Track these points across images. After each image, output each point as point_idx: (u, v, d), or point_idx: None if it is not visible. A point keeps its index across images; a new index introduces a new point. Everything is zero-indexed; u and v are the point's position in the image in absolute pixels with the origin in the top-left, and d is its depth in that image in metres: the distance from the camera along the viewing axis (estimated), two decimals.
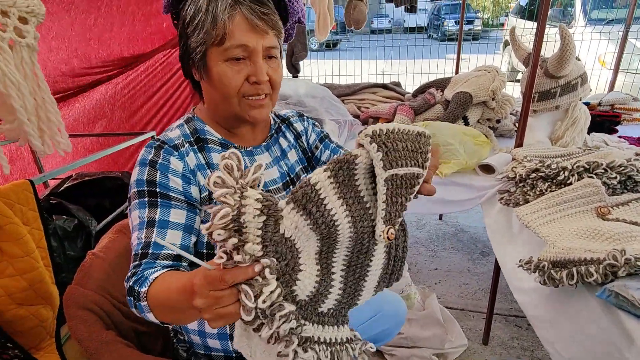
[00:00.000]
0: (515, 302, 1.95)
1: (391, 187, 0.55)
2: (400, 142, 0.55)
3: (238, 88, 0.76)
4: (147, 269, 0.68)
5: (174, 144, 0.78)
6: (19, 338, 1.11)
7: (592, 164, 1.12)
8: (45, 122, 0.75)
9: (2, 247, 1.04)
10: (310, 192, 0.52)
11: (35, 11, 0.71)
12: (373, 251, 0.62)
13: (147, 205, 0.73)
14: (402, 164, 0.54)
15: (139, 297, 0.65)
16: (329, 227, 0.54)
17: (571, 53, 1.35)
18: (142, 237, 0.71)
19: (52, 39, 1.52)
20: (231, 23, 0.71)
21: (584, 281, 0.87)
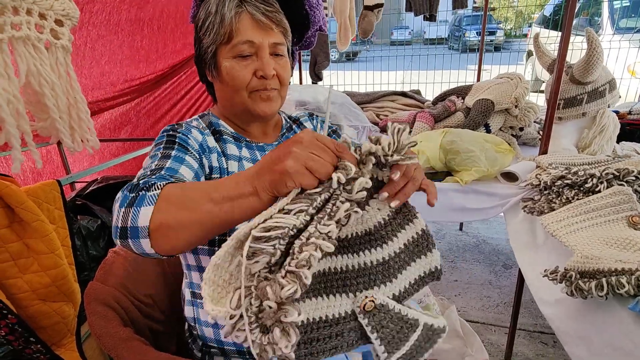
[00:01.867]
0: (541, 317, 1.88)
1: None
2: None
3: (247, 82, 0.79)
4: (160, 178, 0.60)
5: (194, 125, 0.82)
6: (40, 334, 1.14)
7: (622, 171, 1.07)
8: (76, 121, 0.78)
9: (28, 243, 1.08)
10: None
11: (71, 14, 0.75)
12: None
13: (163, 147, 0.72)
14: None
15: (149, 187, 0.55)
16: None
17: (599, 58, 1.31)
18: (152, 165, 0.66)
19: (106, 63, 1.61)
20: (237, 21, 0.76)
21: (614, 292, 0.83)
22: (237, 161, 0.84)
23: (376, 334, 0.57)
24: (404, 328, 0.59)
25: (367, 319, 0.57)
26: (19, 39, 0.66)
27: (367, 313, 0.57)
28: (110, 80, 1.73)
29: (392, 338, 0.58)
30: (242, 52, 0.77)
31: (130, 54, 1.74)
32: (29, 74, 0.69)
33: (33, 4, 0.67)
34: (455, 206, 1.50)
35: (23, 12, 0.66)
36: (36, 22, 0.69)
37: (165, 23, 1.92)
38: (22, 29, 0.67)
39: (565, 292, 0.91)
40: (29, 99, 0.71)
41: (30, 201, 1.07)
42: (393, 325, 0.59)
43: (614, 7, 4.39)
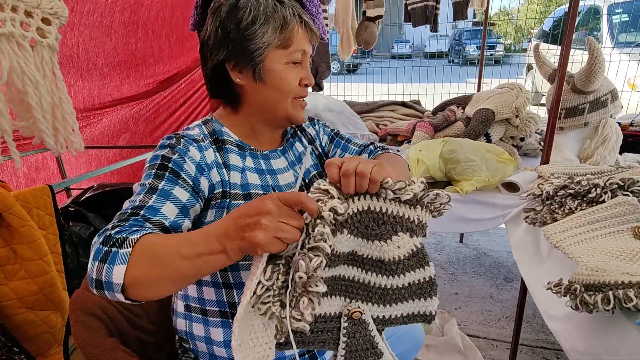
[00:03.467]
0: (543, 332, 1.83)
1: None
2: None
3: (295, 87, 0.82)
4: (135, 225, 0.62)
5: (194, 137, 0.79)
6: (26, 343, 1.10)
7: (627, 181, 1.05)
8: (61, 122, 0.76)
9: (16, 249, 1.05)
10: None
11: (59, 13, 0.73)
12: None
13: (154, 176, 0.71)
14: None
15: (122, 244, 0.56)
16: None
17: (600, 67, 1.30)
18: (136, 200, 0.67)
19: (104, 66, 1.60)
20: (299, 28, 0.80)
21: (621, 306, 0.79)
22: (240, 172, 0.81)
23: (346, 339, 0.64)
24: (368, 351, 0.66)
25: (347, 324, 0.64)
26: (2, 36, 0.65)
27: (350, 320, 0.64)
28: (114, 84, 1.73)
29: (355, 351, 0.65)
30: (296, 59, 0.81)
31: (126, 57, 1.73)
32: (12, 72, 0.67)
33: (19, 1, 0.66)
34: (456, 217, 1.47)
35: (8, 8, 0.65)
36: (22, 19, 0.68)
37: (160, 27, 1.92)
38: (6, 25, 0.65)
39: (570, 306, 0.88)
40: (12, 98, 0.69)
41: (18, 206, 1.04)
42: (362, 342, 0.65)
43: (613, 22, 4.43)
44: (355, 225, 0.60)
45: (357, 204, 0.60)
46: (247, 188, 0.80)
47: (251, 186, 0.81)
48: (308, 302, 0.53)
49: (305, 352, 0.85)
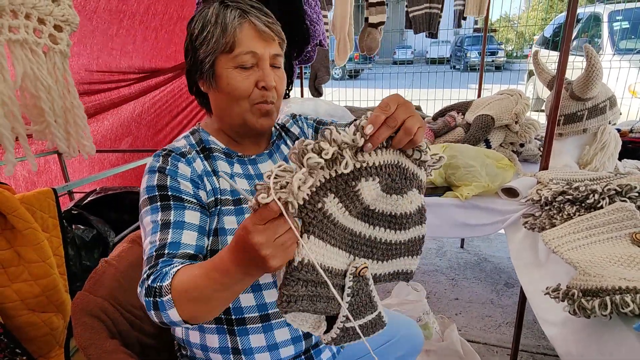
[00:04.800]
0: (544, 338, 1.82)
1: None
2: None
3: (248, 93, 0.78)
4: (164, 267, 0.67)
5: (180, 151, 0.79)
6: (28, 345, 1.11)
7: (624, 187, 1.06)
8: (73, 126, 0.77)
9: (19, 251, 1.07)
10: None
11: (70, 20, 0.75)
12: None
13: (160, 209, 0.73)
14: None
15: (161, 292, 0.62)
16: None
17: (598, 74, 1.31)
18: (156, 240, 0.70)
19: (75, 45, 1.61)
20: (241, 31, 0.76)
21: (619, 312, 0.79)
22: (229, 178, 0.82)
23: (349, 299, 0.64)
24: (367, 305, 0.67)
25: (352, 282, 0.63)
26: (16, 42, 0.66)
27: (356, 277, 0.64)
28: (82, 62, 1.73)
29: (357, 308, 0.65)
30: (244, 62, 0.77)
31: (102, 39, 1.74)
32: (25, 77, 0.69)
33: (32, 9, 0.68)
34: (456, 222, 1.47)
35: (22, 16, 0.66)
36: (35, 26, 0.70)
37: (149, 20, 1.93)
38: (20, 32, 0.67)
39: (568, 310, 0.88)
40: (25, 103, 0.71)
41: (22, 208, 1.06)
42: (363, 297, 0.66)
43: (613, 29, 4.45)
44: (385, 177, 0.59)
45: (390, 156, 0.59)
46: (237, 194, 0.81)
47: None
48: (301, 175, 0.51)
49: (301, 352, 0.85)
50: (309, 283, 0.57)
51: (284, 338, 0.82)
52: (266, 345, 0.81)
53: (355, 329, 0.65)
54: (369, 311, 0.68)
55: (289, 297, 0.55)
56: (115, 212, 1.78)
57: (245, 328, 0.80)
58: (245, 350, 0.80)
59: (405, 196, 0.63)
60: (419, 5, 2.47)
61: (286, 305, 0.56)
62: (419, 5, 2.47)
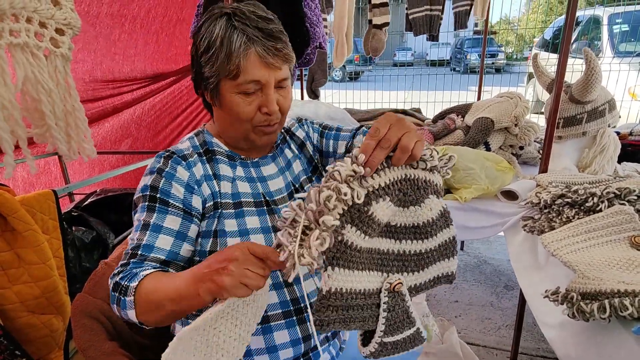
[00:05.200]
0: (543, 341, 1.82)
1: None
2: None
3: (251, 117, 0.79)
4: (134, 267, 0.71)
5: (183, 154, 0.81)
6: (27, 347, 1.11)
7: (623, 190, 1.06)
8: (73, 129, 0.78)
9: (19, 253, 1.07)
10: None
11: (72, 24, 0.76)
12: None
13: (146, 209, 0.76)
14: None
15: (126, 292, 0.67)
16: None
17: (597, 77, 1.32)
18: (134, 239, 0.75)
19: (79, 51, 1.62)
20: (245, 60, 0.74)
21: (617, 315, 0.80)
22: (231, 182, 0.83)
23: (386, 314, 0.64)
24: (404, 321, 0.67)
25: (388, 298, 0.64)
26: (17, 46, 0.67)
27: (391, 293, 0.64)
28: (85, 68, 1.74)
29: (394, 323, 0.66)
30: (247, 90, 0.76)
31: (105, 44, 1.76)
32: (27, 81, 0.69)
33: (34, 13, 0.68)
34: (455, 224, 1.46)
35: (23, 19, 0.67)
36: (36, 30, 0.70)
37: (150, 23, 1.94)
38: (21, 36, 0.67)
39: (567, 314, 0.88)
40: (26, 106, 0.71)
41: (23, 210, 1.06)
42: (400, 313, 0.66)
43: (613, 32, 4.46)
44: (396, 193, 0.61)
45: (396, 173, 0.61)
46: (237, 197, 0.82)
47: (242, 195, 0.83)
48: (318, 234, 0.53)
49: (300, 355, 0.85)
50: (339, 308, 0.59)
51: (283, 340, 0.82)
52: (265, 348, 0.81)
53: (393, 343, 0.66)
54: (407, 327, 0.68)
55: (321, 321, 0.59)
56: (115, 214, 1.78)
57: None
58: (245, 352, 0.80)
59: (423, 205, 0.64)
60: (419, 8, 2.48)
61: (319, 327, 0.59)
62: (419, 7, 2.48)
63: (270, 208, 0.84)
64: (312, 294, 0.85)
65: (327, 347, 0.91)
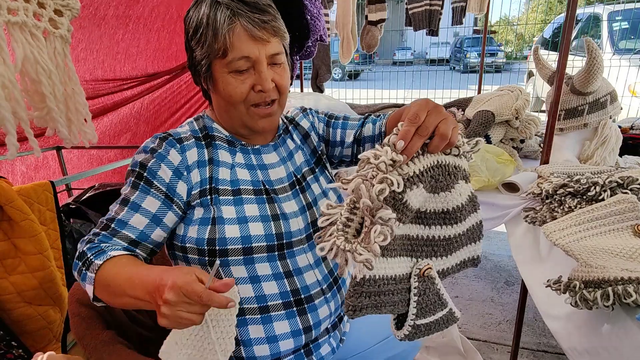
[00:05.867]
0: (544, 335, 1.81)
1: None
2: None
3: (244, 97, 0.77)
4: (103, 241, 0.73)
5: (179, 137, 0.79)
6: (24, 338, 1.10)
7: (626, 179, 1.05)
8: (74, 113, 0.77)
9: (16, 243, 1.06)
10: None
11: (71, 5, 0.75)
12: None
13: (131, 185, 0.77)
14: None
15: (89, 267, 0.69)
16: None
17: (599, 68, 1.31)
18: (113, 211, 0.77)
19: (82, 51, 1.61)
20: (231, 35, 0.72)
21: (621, 302, 0.79)
22: (230, 168, 0.82)
23: (417, 298, 0.65)
24: (436, 303, 0.68)
25: (418, 282, 0.65)
26: (15, 25, 0.66)
27: (420, 278, 0.65)
28: (87, 67, 1.74)
29: (426, 306, 0.67)
30: (238, 67, 0.74)
31: (109, 44, 1.76)
32: (26, 61, 0.68)
33: None
34: None
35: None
36: (34, 10, 0.69)
37: (152, 22, 1.93)
38: (19, 14, 0.66)
39: (570, 302, 0.87)
40: (26, 88, 0.70)
41: (20, 200, 1.05)
42: (431, 296, 0.67)
43: (613, 29, 4.46)
44: (428, 180, 0.60)
45: (429, 159, 0.60)
46: (236, 184, 0.81)
47: (241, 182, 0.81)
48: (380, 229, 0.53)
49: (301, 346, 0.84)
50: (372, 294, 0.60)
51: (284, 331, 0.81)
52: (265, 337, 0.80)
53: (426, 325, 0.67)
54: (439, 308, 0.69)
55: (354, 307, 0.59)
56: None
57: (244, 319, 0.79)
58: (244, 341, 0.79)
59: (453, 190, 0.64)
60: (419, 2, 2.47)
61: (352, 313, 0.60)
62: (419, 1, 2.47)
63: (270, 197, 0.83)
64: (313, 285, 0.84)
65: (327, 338, 0.90)
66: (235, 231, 0.76)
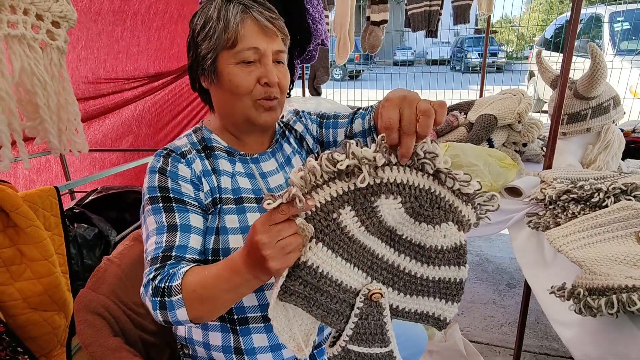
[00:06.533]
0: (546, 339, 1.81)
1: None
2: None
3: (250, 89, 0.78)
4: (171, 268, 0.68)
5: (181, 151, 0.79)
6: (30, 344, 1.10)
7: (629, 186, 1.05)
8: (65, 123, 0.77)
9: (22, 249, 1.06)
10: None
11: (68, 16, 0.75)
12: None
13: (164, 210, 0.73)
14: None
15: (170, 292, 0.64)
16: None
17: (602, 73, 1.31)
18: (162, 242, 0.71)
19: (82, 49, 1.61)
20: (243, 26, 0.75)
21: (625, 310, 0.79)
22: (230, 177, 0.82)
23: (356, 320, 0.61)
24: (376, 335, 0.63)
25: (363, 304, 0.61)
26: (14, 37, 0.66)
27: (367, 300, 0.61)
28: (89, 66, 1.73)
29: (363, 333, 0.63)
30: (246, 58, 0.76)
31: (108, 42, 1.75)
32: (23, 73, 0.68)
33: (31, 5, 0.67)
34: None
35: (20, 11, 0.66)
36: (33, 22, 0.70)
37: (151, 20, 1.93)
38: (19, 27, 0.67)
39: (574, 309, 0.88)
40: (20, 98, 0.71)
41: (25, 206, 1.05)
42: (373, 325, 0.62)
43: (614, 30, 4.45)
44: (410, 199, 0.56)
45: (420, 180, 0.56)
46: (238, 192, 0.81)
47: (242, 190, 0.81)
48: (297, 173, 0.53)
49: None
50: (308, 284, 0.57)
51: None
52: (269, 346, 0.80)
53: (358, 354, 0.63)
54: (378, 343, 0.64)
55: (286, 287, 0.57)
56: (117, 211, 1.77)
57: (247, 327, 0.79)
58: (247, 350, 0.80)
59: (437, 228, 0.58)
60: (419, 3, 2.47)
61: (282, 293, 0.58)
62: (419, 2, 2.47)
63: None
64: None
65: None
66: (239, 241, 0.76)
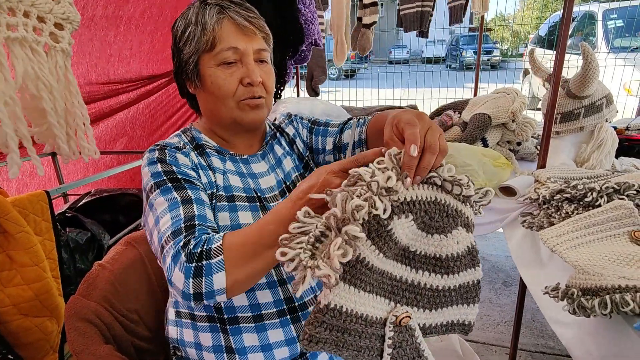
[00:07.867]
0: (542, 337, 1.82)
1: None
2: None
3: (233, 91, 0.77)
4: (203, 234, 0.64)
5: (175, 146, 0.79)
6: (21, 350, 1.09)
7: (622, 185, 1.05)
8: (73, 128, 0.76)
9: (12, 255, 1.05)
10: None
11: (71, 18, 0.74)
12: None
13: (174, 189, 0.70)
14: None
15: (210, 255, 0.60)
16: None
17: (594, 72, 1.31)
18: (180, 214, 0.67)
19: (74, 54, 1.60)
20: (220, 27, 0.75)
21: (618, 311, 0.79)
22: (222, 174, 0.82)
23: (391, 351, 0.57)
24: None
25: (394, 332, 0.57)
26: (15, 40, 0.65)
27: (397, 327, 0.57)
28: (80, 71, 1.73)
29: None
30: (226, 59, 0.76)
31: (100, 46, 1.74)
32: (26, 77, 0.67)
33: (31, 7, 0.66)
34: None
35: (20, 13, 0.65)
36: (34, 25, 0.68)
37: (145, 24, 1.92)
38: (19, 30, 0.65)
39: (568, 310, 0.88)
40: (26, 104, 0.69)
41: (15, 212, 1.04)
42: (409, 351, 0.59)
43: (608, 27, 4.47)
44: (421, 214, 0.55)
45: (426, 192, 0.55)
46: (229, 190, 0.80)
47: (234, 188, 0.81)
48: (341, 243, 0.46)
49: (297, 355, 0.84)
50: (334, 328, 0.53)
51: (278, 339, 0.81)
52: (259, 345, 0.80)
53: None
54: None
55: (311, 336, 0.52)
56: (111, 214, 1.76)
57: (238, 327, 0.79)
58: (238, 349, 0.79)
59: (449, 235, 0.57)
60: (411, 4, 2.47)
61: (307, 343, 0.53)
62: (411, 3, 2.47)
63: (263, 204, 0.83)
64: (307, 292, 0.84)
65: None
66: None
